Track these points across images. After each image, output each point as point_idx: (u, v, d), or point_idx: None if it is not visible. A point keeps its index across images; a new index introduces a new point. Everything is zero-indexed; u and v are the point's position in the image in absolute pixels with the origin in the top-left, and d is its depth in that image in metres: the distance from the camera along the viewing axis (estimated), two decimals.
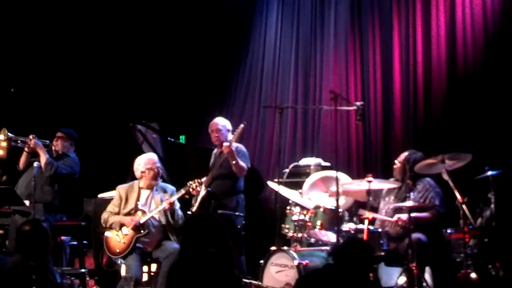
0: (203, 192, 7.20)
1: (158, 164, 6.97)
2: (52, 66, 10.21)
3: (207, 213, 6.33)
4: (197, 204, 7.19)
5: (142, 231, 6.64)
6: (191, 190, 6.86)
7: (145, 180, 6.91)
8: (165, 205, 6.68)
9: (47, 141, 7.58)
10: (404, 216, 6.39)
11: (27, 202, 7.19)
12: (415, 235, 6.29)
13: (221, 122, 7.54)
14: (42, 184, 7.33)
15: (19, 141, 7.51)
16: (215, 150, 7.59)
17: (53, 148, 7.60)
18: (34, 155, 7.52)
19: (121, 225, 6.70)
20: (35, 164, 7.21)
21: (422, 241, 6.36)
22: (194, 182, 6.82)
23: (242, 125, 7.26)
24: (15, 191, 7.25)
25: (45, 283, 4.76)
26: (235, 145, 7.26)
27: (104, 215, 6.88)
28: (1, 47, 9.95)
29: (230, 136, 7.34)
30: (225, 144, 7.17)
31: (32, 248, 4.90)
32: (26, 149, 7.49)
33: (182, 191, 6.84)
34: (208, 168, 7.46)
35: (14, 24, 9.96)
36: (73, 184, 7.61)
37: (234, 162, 7.17)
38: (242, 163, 7.24)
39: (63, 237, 7.67)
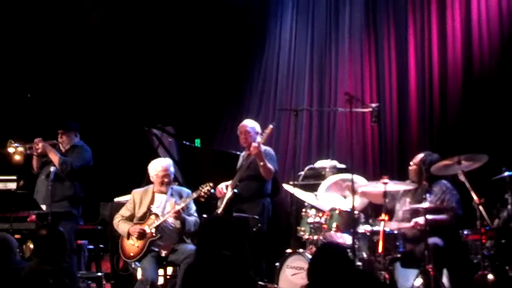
0: (229, 193, 7.19)
1: (169, 171, 6.85)
2: (68, 70, 10.27)
3: (223, 216, 6.30)
4: (222, 206, 7.17)
5: (154, 235, 6.63)
6: (202, 193, 6.80)
7: (155, 185, 6.91)
8: (178, 208, 6.63)
9: (54, 141, 7.61)
10: (421, 220, 6.29)
11: (44, 207, 7.22)
12: (432, 240, 6.23)
13: (250, 124, 7.53)
14: (61, 181, 7.35)
15: (27, 149, 7.54)
16: (243, 153, 7.57)
17: (60, 146, 7.62)
18: (44, 156, 7.54)
19: (128, 234, 6.68)
20: (52, 169, 7.22)
21: (439, 246, 6.29)
22: (206, 186, 6.75)
23: (271, 126, 7.25)
24: (32, 196, 7.29)
25: None
26: (263, 147, 7.23)
27: (115, 220, 6.87)
28: (17, 53, 10.03)
29: (258, 139, 7.32)
30: (254, 144, 7.13)
31: (49, 253, 4.93)
32: (35, 153, 7.51)
33: (194, 195, 6.79)
34: (224, 171, 7.45)
35: (31, 31, 10.05)
36: (90, 172, 7.61)
37: (262, 163, 7.14)
38: (269, 165, 7.20)
39: (80, 241, 7.72)
